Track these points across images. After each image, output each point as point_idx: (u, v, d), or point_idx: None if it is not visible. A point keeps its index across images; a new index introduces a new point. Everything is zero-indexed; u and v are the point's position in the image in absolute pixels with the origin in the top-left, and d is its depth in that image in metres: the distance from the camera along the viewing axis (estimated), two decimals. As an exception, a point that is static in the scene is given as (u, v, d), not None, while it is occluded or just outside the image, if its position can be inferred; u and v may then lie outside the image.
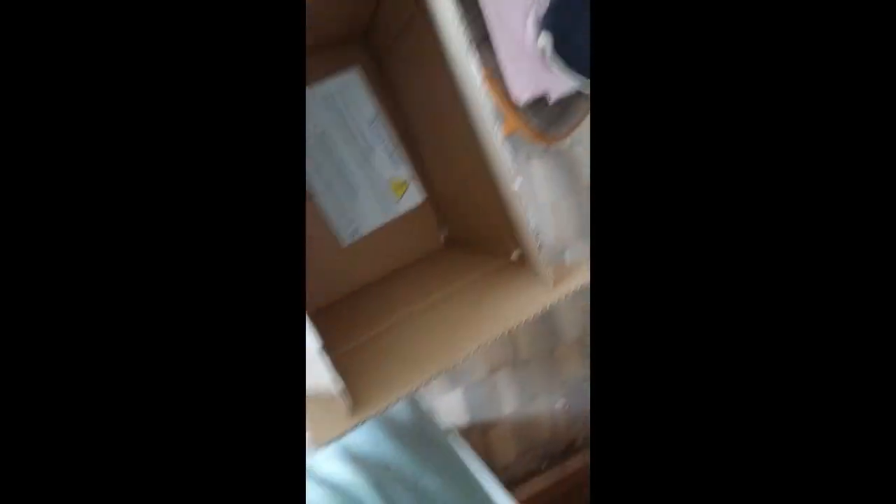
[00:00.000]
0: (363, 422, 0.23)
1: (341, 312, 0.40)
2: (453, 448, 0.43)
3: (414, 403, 0.45)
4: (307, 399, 0.29)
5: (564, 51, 0.43)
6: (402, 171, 0.44)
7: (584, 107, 0.51)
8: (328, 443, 0.23)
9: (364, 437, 0.38)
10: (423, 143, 0.42)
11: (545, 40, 0.43)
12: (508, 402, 1.15)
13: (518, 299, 0.30)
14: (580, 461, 1.05)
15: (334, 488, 0.34)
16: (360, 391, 0.25)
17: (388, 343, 0.31)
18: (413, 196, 0.45)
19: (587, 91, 0.48)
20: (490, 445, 1.15)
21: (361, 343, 0.32)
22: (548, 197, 0.63)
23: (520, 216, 0.31)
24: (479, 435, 1.12)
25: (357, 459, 0.36)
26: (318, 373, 0.25)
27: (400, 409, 0.42)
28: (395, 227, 0.44)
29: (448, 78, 0.31)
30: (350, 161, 0.42)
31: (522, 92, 0.45)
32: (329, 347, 0.23)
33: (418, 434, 0.40)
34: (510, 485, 1.12)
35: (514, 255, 0.35)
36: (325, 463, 0.37)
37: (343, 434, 0.23)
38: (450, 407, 1.07)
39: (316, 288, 0.42)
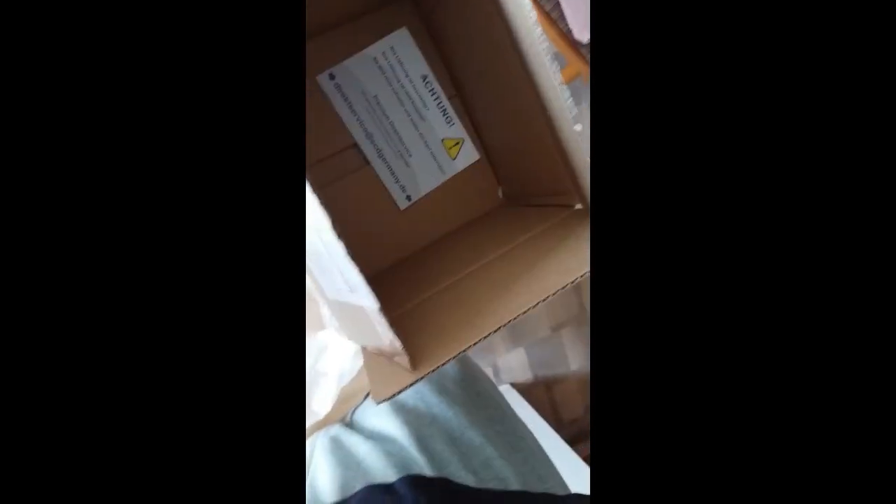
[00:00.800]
0: (422, 377, 0.24)
1: (402, 275, 0.41)
2: (504, 402, 0.43)
3: (464, 358, 0.45)
4: (369, 357, 0.30)
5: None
6: (455, 128, 0.43)
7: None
8: (387, 399, 0.24)
9: (412, 392, 0.39)
10: (476, 98, 0.41)
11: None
12: (575, 359, 1.14)
13: (582, 250, 0.29)
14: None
15: (379, 441, 0.36)
16: (418, 348, 0.26)
17: (447, 301, 0.31)
18: (469, 154, 0.44)
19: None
20: (555, 400, 1.16)
21: (421, 302, 0.33)
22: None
23: (582, 162, 0.30)
24: (543, 391, 1.13)
25: (402, 412, 0.37)
26: (377, 333, 0.26)
27: (449, 364, 0.42)
28: (452, 187, 0.44)
29: (502, 24, 0.29)
30: (404, 123, 0.42)
31: (583, 30, 0.41)
32: (388, 308, 0.24)
33: (466, 388, 0.41)
34: (578, 438, 1.13)
35: (579, 205, 0.34)
36: (372, 417, 0.39)
37: (401, 390, 0.24)
38: (511, 365, 1.09)
39: (376, 252, 0.43)
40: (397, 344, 0.24)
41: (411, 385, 0.24)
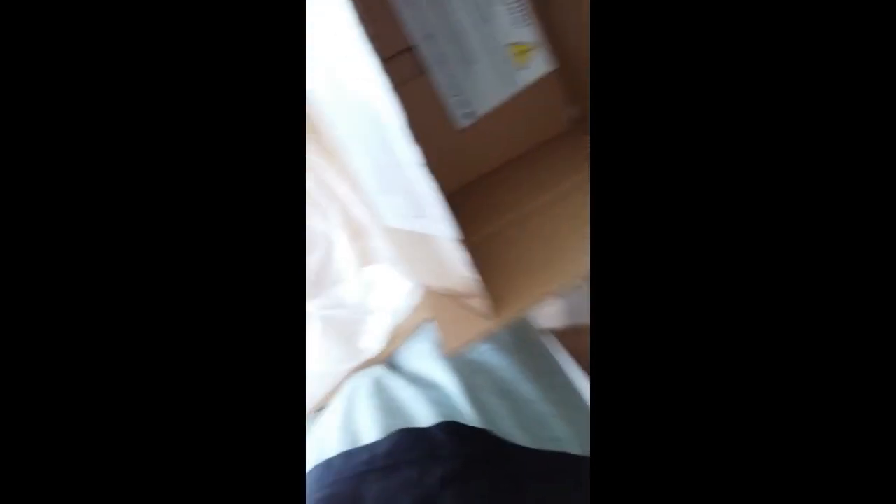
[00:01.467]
0: (503, 324, 0.20)
1: (458, 204, 0.36)
2: (553, 354, 0.40)
3: None
4: (435, 300, 0.26)
5: None
6: (526, 33, 0.36)
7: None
8: (462, 347, 0.20)
9: None
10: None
11: None
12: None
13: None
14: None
15: (423, 388, 0.33)
16: (495, 290, 0.21)
17: (519, 236, 0.27)
18: (539, 64, 0.37)
19: None
20: (580, 349, 1.14)
21: (488, 236, 0.28)
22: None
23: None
24: (573, 337, 1.10)
25: (449, 357, 0.34)
26: (447, 269, 0.21)
27: None
28: (516, 104, 0.37)
29: None
30: (467, 22, 0.35)
31: None
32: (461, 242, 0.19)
33: (519, 336, 0.37)
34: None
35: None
36: (416, 360, 0.35)
37: (479, 338, 0.20)
38: (547, 310, 1.06)
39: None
40: (476, 284, 0.20)
41: (490, 333, 0.20)
